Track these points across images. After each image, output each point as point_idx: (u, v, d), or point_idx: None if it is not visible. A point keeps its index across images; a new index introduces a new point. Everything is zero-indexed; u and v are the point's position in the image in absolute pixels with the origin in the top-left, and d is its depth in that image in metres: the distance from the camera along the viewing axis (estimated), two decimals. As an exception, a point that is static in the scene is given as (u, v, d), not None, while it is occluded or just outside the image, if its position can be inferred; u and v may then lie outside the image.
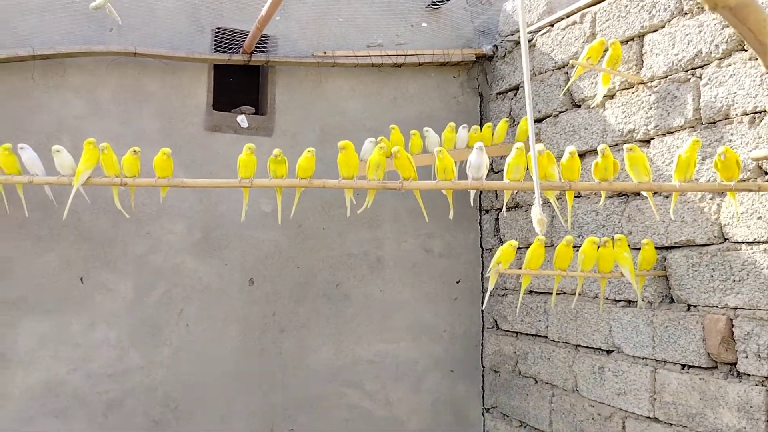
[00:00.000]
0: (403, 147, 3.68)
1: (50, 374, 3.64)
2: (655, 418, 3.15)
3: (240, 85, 4.34)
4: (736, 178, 2.36)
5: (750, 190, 2.42)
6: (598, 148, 2.51)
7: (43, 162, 3.01)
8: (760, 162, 2.66)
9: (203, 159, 3.99)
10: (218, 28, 4.01)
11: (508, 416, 4.32)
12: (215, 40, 3.99)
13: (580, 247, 3.07)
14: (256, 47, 4.03)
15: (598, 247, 2.98)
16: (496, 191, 4.50)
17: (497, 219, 4.51)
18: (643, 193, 2.62)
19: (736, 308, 2.77)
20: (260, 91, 4.26)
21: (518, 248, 4.14)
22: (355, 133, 4.18)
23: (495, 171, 4.44)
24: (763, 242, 2.66)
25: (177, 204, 3.91)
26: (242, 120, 4.03)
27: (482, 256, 4.63)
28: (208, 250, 3.98)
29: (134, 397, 3.80)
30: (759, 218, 2.67)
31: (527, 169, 2.65)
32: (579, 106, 3.76)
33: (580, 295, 3.67)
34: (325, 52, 4.14)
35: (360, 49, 4.26)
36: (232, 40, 3.99)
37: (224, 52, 3.96)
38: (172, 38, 3.92)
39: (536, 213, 1.96)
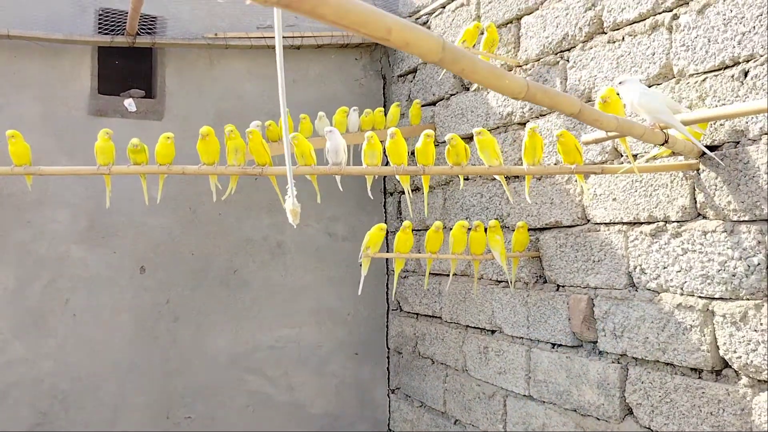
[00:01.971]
0: (289, 131, 3.66)
1: (-75, 369, 3.52)
2: (530, 396, 3.21)
3: (131, 68, 4.22)
4: (579, 161, 2.39)
5: (593, 173, 2.46)
6: (446, 138, 2.52)
7: None
8: (615, 144, 2.71)
9: (88, 145, 3.83)
10: (102, 9, 3.88)
11: (410, 397, 4.37)
12: (99, 22, 3.87)
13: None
14: (145, 29, 3.92)
15: (469, 231, 3.01)
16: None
17: (399, 202, 4.52)
18: (506, 175, 2.64)
19: (596, 288, 2.83)
20: (151, 75, 4.15)
21: (415, 230, 4.17)
22: (252, 117, 4.10)
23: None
24: (617, 223, 2.72)
25: (60, 192, 3.80)
26: (129, 104, 3.92)
27: (387, 239, 4.64)
28: (96, 238, 3.89)
29: (19, 389, 3.71)
30: (614, 199, 2.73)
31: (385, 153, 2.64)
32: (468, 89, 3.78)
33: (467, 276, 3.71)
34: (216, 34, 4.05)
35: (253, 30, 4.17)
36: (118, 21, 3.87)
37: (107, 33, 3.83)
38: (52, 19, 3.77)
39: (289, 204, 1.95)
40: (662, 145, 1.93)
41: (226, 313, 4.20)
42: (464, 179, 3.78)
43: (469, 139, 3.47)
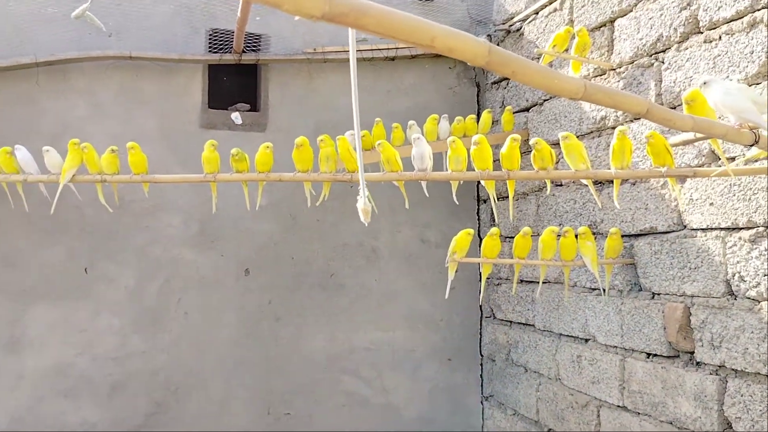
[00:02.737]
0: (381, 139, 3.78)
1: (59, 358, 3.93)
2: (624, 407, 3.13)
3: (237, 84, 4.52)
4: (670, 164, 2.33)
5: (685, 176, 2.38)
6: (531, 142, 2.52)
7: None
8: (712, 147, 2.60)
9: (199, 155, 4.16)
10: (212, 29, 4.19)
11: (503, 404, 4.35)
12: (210, 41, 4.18)
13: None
14: (250, 46, 4.19)
15: (559, 237, 2.98)
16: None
17: (493, 209, 4.52)
18: (583, 180, 2.61)
19: (692, 296, 2.73)
20: (255, 89, 4.42)
21: (508, 237, 4.17)
22: (349, 127, 4.23)
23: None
24: (714, 229, 2.61)
25: (175, 198, 4.13)
26: (236, 117, 4.20)
27: (480, 246, 4.64)
28: (205, 242, 4.18)
29: (137, 380, 4.05)
30: (711, 204, 2.62)
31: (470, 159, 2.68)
32: (560, 94, 3.74)
33: (560, 284, 3.66)
34: (315, 49, 4.26)
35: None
36: (226, 40, 4.16)
37: (216, 52, 4.13)
38: (168, 41, 4.12)
39: (361, 204, 2.01)
40: (752, 145, 1.86)
41: (324, 314, 4.38)
42: (556, 185, 3.74)
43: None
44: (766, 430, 2.35)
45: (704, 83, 1.82)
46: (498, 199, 4.47)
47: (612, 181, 3.23)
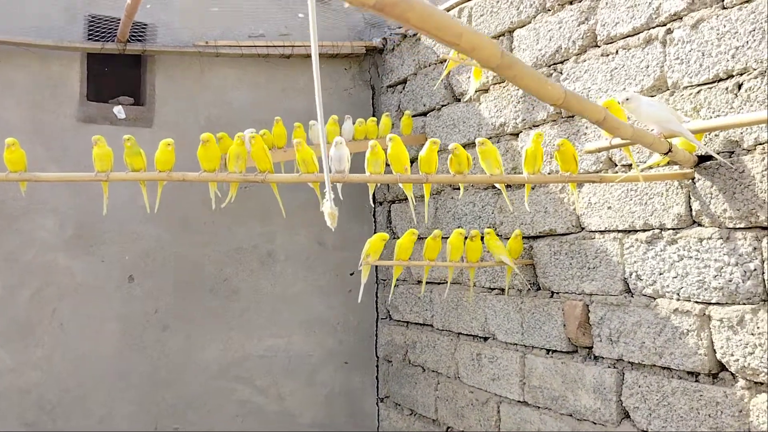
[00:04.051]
0: (283, 139, 3.67)
1: None
2: (525, 402, 3.26)
3: (119, 75, 4.19)
4: (573, 170, 2.45)
5: (592, 182, 2.52)
6: (449, 147, 2.56)
7: None
8: (610, 154, 2.78)
9: (77, 151, 3.83)
10: (92, 16, 3.85)
11: (399, 405, 4.38)
12: (89, 28, 3.84)
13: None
14: (136, 36, 3.90)
15: (465, 239, 3.05)
16: (388, 185, 4.53)
17: (389, 211, 4.55)
18: (498, 185, 2.70)
19: (591, 294, 2.89)
20: (140, 82, 4.12)
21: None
22: (242, 125, 4.09)
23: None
24: (612, 231, 2.79)
25: (48, 199, 3.75)
26: (119, 111, 3.90)
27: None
28: (83, 246, 3.84)
29: (5, 400, 3.63)
30: (609, 208, 2.79)
31: (387, 163, 2.67)
32: (459, 100, 3.83)
33: (459, 284, 3.75)
34: (206, 42, 4.05)
35: (244, 39, 4.18)
36: (108, 28, 3.84)
37: (98, 40, 3.81)
38: (42, 26, 3.74)
39: (327, 207, 1.98)
40: (665, 154, 2.00)
41: (216, 322, 4.17)
42: (454, 188, 3.83)
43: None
44: (661, 418, 2.53)
45: (627, 99, 1.93)
46: (393, 202, 4.51)
47: (512, 186, 3.36)
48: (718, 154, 2.33)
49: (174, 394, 4.04)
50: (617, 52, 2.77)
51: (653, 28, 2.61)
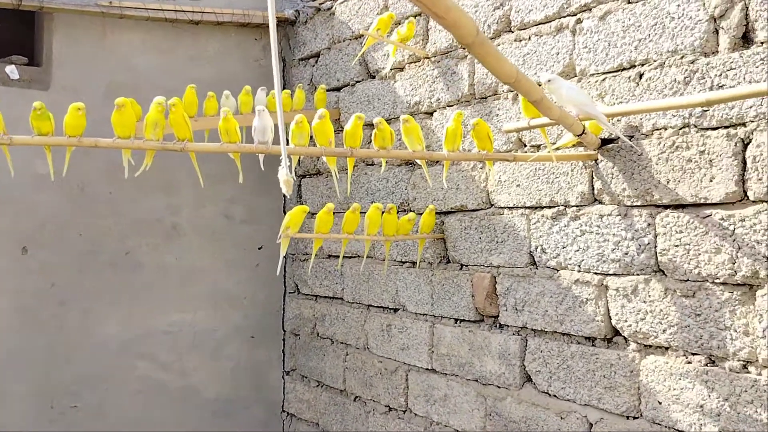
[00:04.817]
0: (194, 107, 3.57)
1: None
2: (433, 369, 3.41)
3: (11, 33, 3.89)
4: (490, 149, 2.59)
5: (506, 160, 2.68)
6: (374, 122, 2.62)
7: None
8: (520, 135, 2.94)
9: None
10: (-19, -35, 3.54)
11: (306, 377, 4.43)
12: (-23, -21, 3.53)
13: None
14: (30, -10, 3.63)
15: (383, 213, 3.13)
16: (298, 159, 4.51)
17: (300, 185, 4.55)
18: (418, 161, 2.79)
19: (498, 266, 3.07)
20: (35, 40, 3.85)
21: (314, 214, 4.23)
22: (148, 92, 3.88)
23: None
24: (520, 207, 2.97)
25: (-71, 163, 3.43)
26: (11, 71, 3.63)
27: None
28: (-29, 216, 3.57)
29: None
30: (518, 186, 2.97)
31: (311, 136, 2.69)
32: (373, 77, 3.89)
33: (370, 257, 3.83)
34: (110, 2, 3.84)
35: (151, 1, 4.00)
36: (-1, -21, 3.55)
37: (-12, -8, 3.51)
38: None
39: (282, 174, 2.01)
40: (579, 135, 2.17)
41: (117, 297, 4.02)
42: (367, 164, 3.90)
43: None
44: (561, 380, 2.76)
45: (549, 80, 2.07)
46: (304, 176, 4.52)
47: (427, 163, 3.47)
48: (619, 138, 2.54)
49: (72, 371, 3.87)
50: (530, 38, 2.93)
51: (564, 17, 2.78)
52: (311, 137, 2.71)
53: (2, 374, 3.66)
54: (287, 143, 2.81)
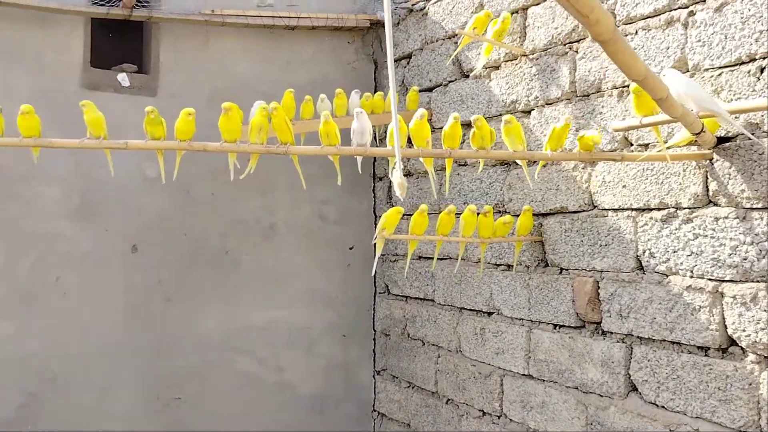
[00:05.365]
0: (292, 111, 3.65)
1: None
2: (530, 375, 3.33)
3: (122, 42, 4.12)
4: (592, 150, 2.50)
5: (614, 160, 2.57)
6: (472, 119, 2.58)
7: None
8: (626, 134, 2.82)
9: (81, 119, 3.74)
10: (96, -20, 3.76)
11: (397, 377, 4.44)
12: (93, -7, 3.75)
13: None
14: (141, 2, 3.82)
15: (478, 215, 3.09)
16: (388, 160, 4.53)
17: (390, 186, 4.57)
18: (519, 161, 2.73)
19: (602, 271, 2.96)
20: (144, 49, 4.05)
21: (408, 215, 4.23)
22: (247, 97, 4.03)
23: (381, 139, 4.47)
24: (626, 209, 2.85)
25: (51, 167, 3.68)
26: (123, 78, 3.83)
27: (375, 223, 4.68)
28: (87, 216, 3.80)
29: (7, 369, 3.60)
30: (624, 186, 2.85)
31: (408, 137, 2.69)
32: (467, 76, 3.84)
33: (463, 259, 3.79)
34: (213, 10, 3.99)
35: (251, 8, 4.13)
36: (112, -7, 3.76)
37: (103, 5, 3.72)
38: (44, -12, 3.64)
39: (396, 177, 2.00)
40: (697, 134, 2.05)
41: (218, 294, 4.17)
42: (459, 164, 3.85)
43: (468, 125, 3.54)
44: (670, 391, 2.62)
45: (664, 75, 1.97)
46: (381, 178, 4.54)
47: (517, 162, 3.40)
48: (737, 136, 2.39)
49: (175, 364, 4.04)
50: (636, 32, 2.81)
51: (675, 9, 2.65)
52: (407, 138, 2.71)
53: (114, 366, 3.87)
54: (385, 145, 2.83)
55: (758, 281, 2.33)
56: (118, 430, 3.86)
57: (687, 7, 2.61)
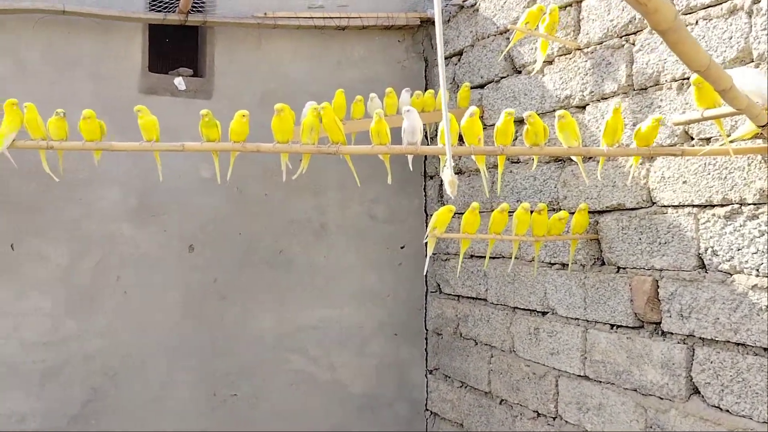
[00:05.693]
0: (342, 111, 3.66)
1: (-19, 344, 3.54)
2: (586, 376, 3.26)
3: (178, 46, 4.22)
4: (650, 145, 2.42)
5: (674, 155, 2.48)
6: (524, 116, 2.53)
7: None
8: (686, 127, 2.73)
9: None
10: (153, -14, 3.87)
11: (449, 377, 4.41)
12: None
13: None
14: (196, 7, 3.91)
15: (531, 213, 3.03)
16: (438, 158, 4.51)
17: (441, 185, 4.54)
18: (574, 157, 2.67)
19: (661, 270, 2.87)
20: (198, 53, 4.14)
21: (460, 213, 4.20)
22: (299, 98, 4.08)
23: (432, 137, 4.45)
24: (687, 206, 2.75)
25: (110, 169, 3.81)
26: (179, 82, 3.92)
27: (426, 222, 4.66)
28: (145, 217, 3.90)
29: (71, 366, 3.74)
30: (684, 182, 2.75)
31: (460, 135, 2.66)
32: (519, 72, 3.78)
33: (516, 258, 3.74)
34: (265, 13, 4.04)
35: (302, 10, 4.17)
36: (168, -1, 3.86)
37: (160, 11, 3.82)
38: (104, -4, 3.76)
39: (447, 175, 1.98)
40: (762, 127, 1.96)
41: (271, 293, 4.23)
42: (512, 162, 3.79)
43: (520, 122, 3.48)
44: (735, 394, 2.52)
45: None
46: (431, 177, 4.51)
47: (572, 159, 3.32)
48: (807, 127, 2.27)
49: (231, 362, 4.12)
50: (697, 22, 2.70)
51: (738, -3, 2.54)
52: (459, 136, 2.68)
53: (171, 363, 3.97)
54: (437, 143, 2.81)
55: (832, 280, 2.21)
56: (175, 425, 3.96)
57: (751, -6, 2.50)
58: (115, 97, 3.82)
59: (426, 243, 3.09)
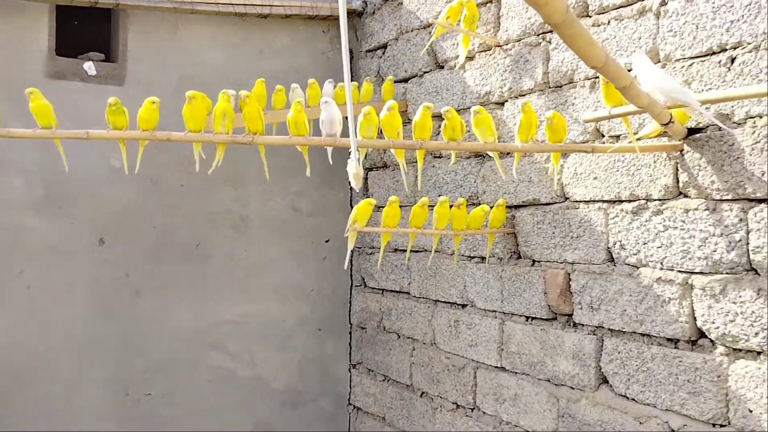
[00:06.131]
0: (263, 101, 3.58)
1: None
2: (503, 367, 3.32)
3: (88, 29, 4.01)
4: (563, 141, 2.47)
5: (584, 152, 2.55)
6: (442, 111, 2.54)
7: None
8: (598, 125, 2.80)
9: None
10: (61, -35, 3.66)
11: (372, 371, 4.41)
12: (58, -22, 3.64)
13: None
14: (107, -12, 3.72)
15: (451, 207, 3.05)
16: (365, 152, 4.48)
17: (366, 178, 4.52)
18: (491, 153, 2.70)
19: (573, 263, 2.94)
20: (111, 37, 3.95)
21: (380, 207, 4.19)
22: (218, 86, 3.90)
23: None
24: (597, 201, 2.83)
25: (14, 158, 3.59)
26: (89, 67, 3.73)
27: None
28: (52, 208, 3.70)
29: (-31, 366, 3.51)
30: (595, 178, 2.83)
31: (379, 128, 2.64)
32: (442, 67, 3.80)
33: (437, 252, 3.76)
34: (183, -2, 3.90)
35: (222, -4, 4.04)
36: (78, -21, 3.66)
37: (68, -9, 3.62)
38: (6, -28, 3.53)
39: (352, 167, 1.96)
40: (665, 125, 2.03)
41: (189, 287, 4.10)
42: (434, 156, 3.82)
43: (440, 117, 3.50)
44: (640, 383, 2.61)
45: (631, 62, 1.94)
46: (371, 169, 4.48)
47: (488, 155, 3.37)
48: (707, 127, 2.37)
49: (145, 360, 3.97)
50: (609, 22, 2.78)
51: (647, -1, 2.62)
52: (379, 129, 2.66)
53: (80, 361, 3.79)
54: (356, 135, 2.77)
55: (727, 273, 2.32)
56: (85, 426, 3.79)
57: (659, -3, 2.58)
58: (18, 81, 3.59)
59: (349, 236, 3.05)
